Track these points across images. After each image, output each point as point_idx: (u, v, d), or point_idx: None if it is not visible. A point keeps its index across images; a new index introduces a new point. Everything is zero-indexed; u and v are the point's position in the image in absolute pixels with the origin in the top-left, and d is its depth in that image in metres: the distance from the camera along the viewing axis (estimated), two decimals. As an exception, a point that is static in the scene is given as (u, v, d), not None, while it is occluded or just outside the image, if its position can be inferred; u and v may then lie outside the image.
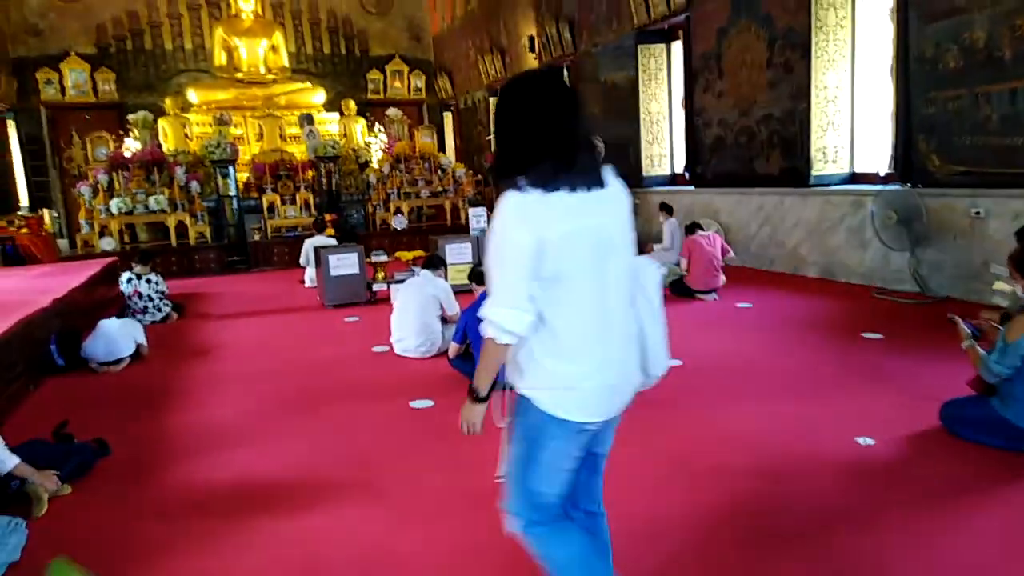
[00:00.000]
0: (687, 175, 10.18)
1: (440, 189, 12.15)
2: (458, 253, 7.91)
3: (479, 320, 4.15)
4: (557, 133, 1.66)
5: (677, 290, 7.13)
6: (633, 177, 10.97)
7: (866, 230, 7.06)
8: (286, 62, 15.51)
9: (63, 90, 16.16)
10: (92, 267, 7.68)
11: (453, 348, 4.49)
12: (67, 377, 5.24)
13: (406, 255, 8.03)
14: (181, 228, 10.92)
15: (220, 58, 15.01)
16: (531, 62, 13.94)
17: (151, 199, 10.47)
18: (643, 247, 9.86)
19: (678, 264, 7.57)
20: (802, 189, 7.85)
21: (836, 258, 7.52)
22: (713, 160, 9.37)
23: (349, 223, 12.43)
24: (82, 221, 10.65)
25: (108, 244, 10.30)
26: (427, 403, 4.22)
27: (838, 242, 7.48)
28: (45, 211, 14.50)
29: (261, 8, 15.73)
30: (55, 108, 16.16)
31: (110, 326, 5.27)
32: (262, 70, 14.95)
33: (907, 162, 6.67)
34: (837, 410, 3.79)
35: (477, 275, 4.53)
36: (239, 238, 11.46)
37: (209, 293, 9.05)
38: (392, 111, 13.49)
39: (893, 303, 6.32)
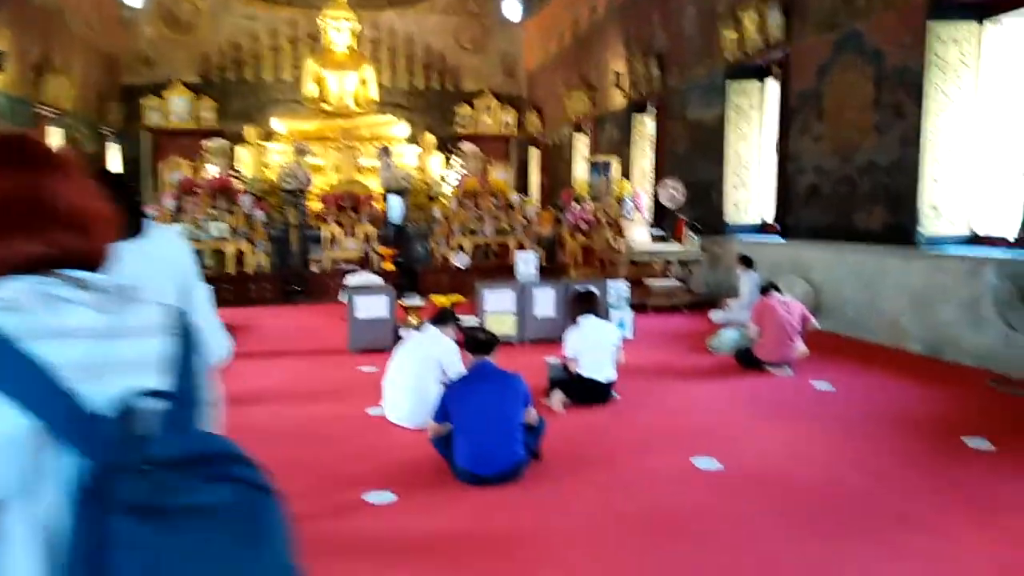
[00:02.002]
0: (777, 225, 9.06)
1: (507, 227, 11.52)
2: (498, 301, 7.19)
3: (466, 395, 3.36)
4: None
5: (745, 360, 6.07)
6: (715, 223, 9.95)
7: (983, 305, 5.79)
8: (374, 95, 15.51)
9: (165, 116, 16.88)
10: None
11: (432, 428, 3.73)
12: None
13: (442, 300, 7.39)
14: (242, 256, 10.81)
15: (309, 90, 15.18)
16: (618, 99, 13.20)
17: (212, 226, 10.41)
18: (717, 303, 8.80)
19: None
20: (907, 249, 6.64)
21: (945, 334, 6.24)
22: (806, 211, 8.24)
23: (413, 256, 12.02)
24: (147, 244, 10.72)
25: (170, 268, 10.27)
26: (387, 498, 3.46)
27: (948, 316, 6.20)
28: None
29: (356, 43, 15.86)
30: (157, 133, 16.89)
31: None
32: (349, 103, 14.99)
33: (1041, 224, 5.41)
34: (924, 569, 2.73)
35: (474, 343, 3.77)
36: (301, 269, 11.27)
37: (248, 326, 8.75)
38: (466, 145, 13.08)
39: (1014, 398, 5.04)
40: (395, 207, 12.39)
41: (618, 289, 7.68)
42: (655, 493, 3.50)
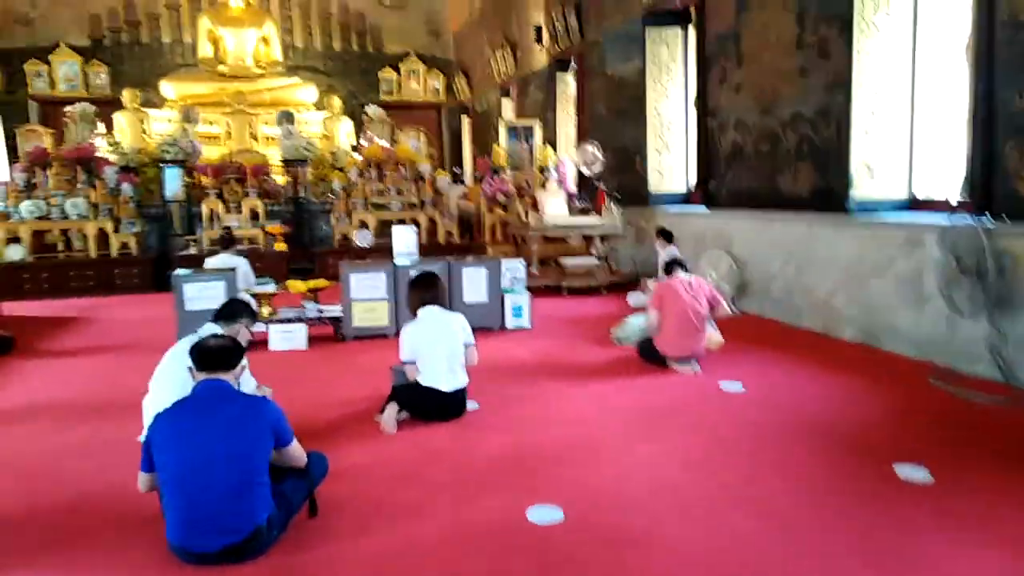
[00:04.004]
0: (699, 192, 8.05)
1: (415, 201, 10.32)
2: (367, 287, 6.06)
3: (172, 434, 2.21)
4: None
5: (647, 354, 5.05)
6: (638, 194, 8.90)
7: (925, 281, 4.84)
8: (278, 56, 14.06)
9: (53, 83, 15.21)
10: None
11: (142, 479, 2.61)
12: None
13: (299, 286, 6.22)
14: (107, 238, 9.46)
15: (204, 50, 13.67)
16: (539, 57, 12.03)
17: (68, 202, 9.02)
18: (638, 283, 7.81)
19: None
20: (837, 216, 5.66)
21: (881, 317, 5.29)
22: (729, 174, 7.23)
23: (316, 235, 10.78)
24: (-10, 226, 9.30)
25: (17, 253, 8.90)
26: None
27: (884, 295, 5.25)
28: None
29: (257, -2, 14.37)
30: (45, 103, 15.21)
31: None
32: (248, 63, 13.52)
33: (986, 185, 4.44)
34: None
35: (197, 354, 2.65)
36: (183, 249, 9.95)
37: (88, 318, 7.52)
38: (372, 109, 11.80)
39: (958, 400, 4.10)
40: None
41: (512, 269, 6.61)
42: (452, 571, 2.44)
